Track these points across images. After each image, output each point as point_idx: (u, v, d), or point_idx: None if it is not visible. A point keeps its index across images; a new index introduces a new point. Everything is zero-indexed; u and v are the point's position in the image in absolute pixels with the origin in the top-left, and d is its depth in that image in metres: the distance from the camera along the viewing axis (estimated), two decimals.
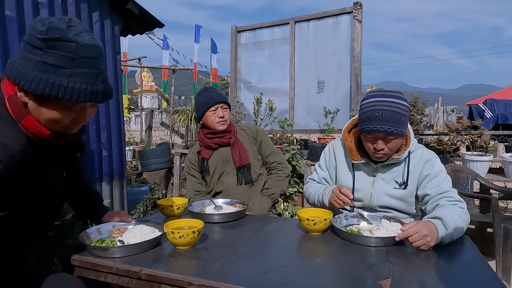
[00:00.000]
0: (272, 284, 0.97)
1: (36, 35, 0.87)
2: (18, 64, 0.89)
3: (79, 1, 2.05)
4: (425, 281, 1.01)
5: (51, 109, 0.94)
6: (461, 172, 3.29)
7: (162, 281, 1.05)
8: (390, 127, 1.39)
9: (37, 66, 0.88)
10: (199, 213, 1.61)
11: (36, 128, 0.95)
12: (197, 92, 2.11)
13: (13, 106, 0.93)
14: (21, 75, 0.88)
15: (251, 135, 2.12)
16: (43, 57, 0.87)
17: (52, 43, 0.87)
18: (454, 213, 1.33)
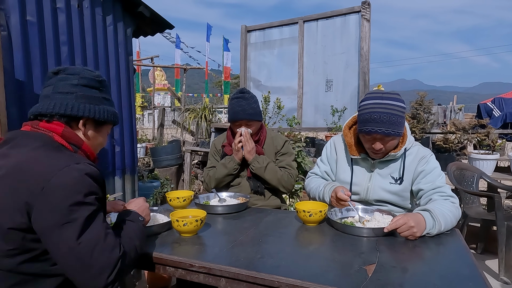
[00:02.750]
0: (266, 267, 1.06)
1: (93, 79, 1.13)
2: (81, 103, 1.09)
3: (94, 5, 2.17)
4: (407, 267, 1.09)
5: (103, 134, 1.20)
6: (467, 170, 3.31)
7: (167, 263, 1.16)
8: (388, 129, 1.46)
9: (100, 101, 1.14)
10: (204, 205, 1.71)
11: (90, 151, 1.15)
12: (232, 95, 2.08)
13: (69, 138, 1.08)
14: (90, 109, 1.10)
15: (277, 147, 2.10)
16: (101, 94, 1.15)
17: (103, 83, 1.17)
18: (444, 207, 1.40)
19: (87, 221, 0.94)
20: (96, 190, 1.00)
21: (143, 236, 1.16)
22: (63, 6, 2.00)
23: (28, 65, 1.82)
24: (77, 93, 1.08)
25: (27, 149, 0.99)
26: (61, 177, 0.93)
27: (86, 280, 0.94)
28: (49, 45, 1.94)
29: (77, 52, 2.10)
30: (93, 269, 0.93)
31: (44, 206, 0.91)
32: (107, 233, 0.99)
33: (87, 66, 2.17)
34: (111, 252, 0.96)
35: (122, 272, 0.99)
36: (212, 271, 1.08)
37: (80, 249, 0.92)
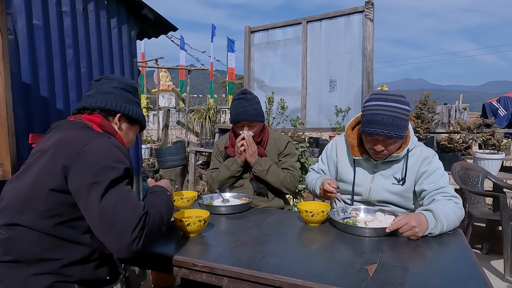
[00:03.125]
0: (268, 267, 1.08)
1: (129, 85, 1.35)
2: (119, 101, 1.29)
3: (98, 8, 2.20)
4: (408, 267, 1.09)
5: (133, 132, 1.39)
6: (472, 170, 3.29)
7: (170, 262, 1.17)
8: (390, 131, 1.46)
9: (133, 103, 1.35)
10: (207, 205, 1.73)
11: (123, 142, 1.31)
12: (233, 96, 2.09)
13: (105, 127, 1.24)
14: (126, 107, 1.30)
15: (279, 148, 2.10)
16: (134, 98, 1.37)
17: (136, 90, 1.40)
18: (447, 207, 1.40)
19: (112, 183, 1.04)
20: (124, 160, 1.12)
21: (169, 204, 1.26)
22: (69, 9, 2.02)
23: (34, 68, 1.85)
24: (116, 93, 1.29)
25: (67, 130, 1.16)
26: (94, 144, 1.08)
27: (112, 238, 1.01)
28: (54, 48, 1.97)
29: (82, 55, 2.12)
30: (117, 225, 1.00)
31: (78, 168, 1.04)
32: (130, 194, 1.08)
33: (93, 68, 2.21)
34: (133, 209, 1.03)
35: (147, 232, 1.04)
36: (214, 271, 1.10)
37: (103, 207, 1.01)
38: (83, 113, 1.25)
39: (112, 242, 1.02)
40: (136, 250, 1.02)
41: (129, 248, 1.01)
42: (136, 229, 1.01)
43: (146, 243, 1.05)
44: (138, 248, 1.02)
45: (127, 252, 1.01)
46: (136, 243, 1.01)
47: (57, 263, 1.04)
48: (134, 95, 1.37)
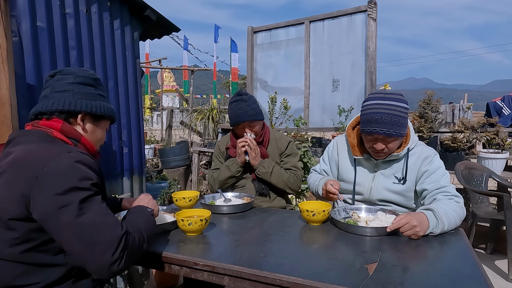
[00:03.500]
0: (268, 266, 1.09)
1: (88, 77, 1.21)
2: (78, 99, 1.16)
3: (101, 10, 2.22)
4: (409, 266, 1.10)
5: (101, 129, 1.27)
6: (475, 169, 3.28)
7: (172, 261, 1.19)
8: (389, 129, 1.46)
9: (96, 97, 1.21)
10: (209, 205, 1.74)
11: (90, 144, 1.21)
12: (230, 99, 2.09)
13: (68, 132, 1.13)
14: (87, 104, 1.17)
15: (281, 148, 2.11)
16: (96, 91, 1.23)
17: (98, 81, 1.25)
18: (448, 206, 1.40)
19: (83, 204, 0.96)
20: (90, 176, 1.02)
21: (150, 223, 1.19)
22: (72, 11, 2.05)
23: (38, 69, 1.87)
24: (73, 91, 1.15)
25: (24, 145, 1.05)
26: (53, 165, 0.97)
27: (92, 260, 0.95)
28: (58, 50, 1.99)
29: (86, 56, 2.14)
30: (97, 247, 0.94)
31: (39, 194, 0.95)
32: (107, 213, 1.02)
33: (96, 69, 2.22)
34: (113, 230, 0.98)
35: (129, 252, 1.00)
36: (215, 269, 1.11)
37: (81, 230, 0.94)
38: (41, 119, 1.13)
39: (92, 264, 0.96)
40: (117, 270, 0.97)
41: (110, 270, 0.95)
42: (118, 250, 0.96)
43: (127, 263, 1.00)
44: (119, 268, 0.97)
45: (107, 273, 0.96)
46: (117, 264, 0.96)
47: (34, 287, 0.99)
48: (95, 88, 1.22)
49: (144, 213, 1.21)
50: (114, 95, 2.33)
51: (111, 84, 2.31)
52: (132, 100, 2.47)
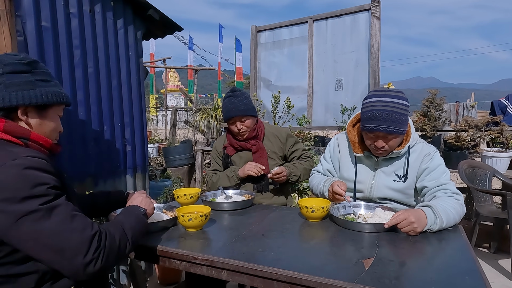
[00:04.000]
0: (266, 260, 1.10)
1: (19, 62, 1.04)
2: (12, 92, 1.01)
3: (105, 10, 2.25)
4: (405, 261, 1.10)
5: (52, 118, 1.12)
6: (479, 168, 3.26)
7: (172, 256, 1.21)
8: (390, 126, 1.46)
9: (34, 84, 1.05)
10: (210, 201, 1.76)
11: (43, 139, 1.08)
12: (225, 95, 2.13)
13: (14, 132, 1.01)
14: (24, 96, 1.02)
15: (280, 140, 2.14)
16: (34, 76, 1.06)
17: (34, 64, 1.08)
18: (447, 203, 1.40)
19: (42, 211, 0.91)
20: (44, 181, 0.94)
21: (138, 222, 1.15)
22: (76, 11, 2.07)
23: None
24: (5, 82, 1.01)
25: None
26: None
27: (65, 266, 0.91)
28: (62, 49, 2.02)
29: (89, 56, 2.17)
30: (66, 252, 0.91)
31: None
32: (74, 215, 0.96)
33: (99, 68, 2.24)
34: (81, 232, 0.93)
35: (105, 252, 0.96)
36: (214, 264, 1.12)
37: (45, 238, 0.90)
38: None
39: (65, 270, 0.92)
40: (94, 272, 0.93)
41: (85, 272, 0.92)
42: (90, 252, 0.92)
43: (105, 263, 0.96)
44: (96, 269, 0.93)
45: (84, 275, 0.92)
46: (93, 265, 0.92)
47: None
48: (32, 73, 1.06)
49: (133, 213, 1.18)
50: (118, 94, 2.36)
51: (114, 83, 2.33)
52: (135, 98, 2.50)
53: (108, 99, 2.29)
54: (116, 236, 1.03)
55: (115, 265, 1.03)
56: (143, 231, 1.19)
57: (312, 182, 1.87)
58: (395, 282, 0.95)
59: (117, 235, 1.04)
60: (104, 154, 2.27)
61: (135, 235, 1.11)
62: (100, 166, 2.25)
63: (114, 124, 2.35)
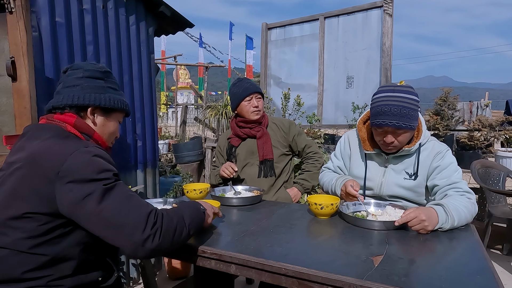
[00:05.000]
0: (274, 255, 1.10)
1: (97, 70, 1.22)
2: (86, 93, 1.17)
3: (118, 6, 2.28)
4: (415, 259, 1.09)
5: (113, 123, 1.27)
6: (492, 168, 3.20)
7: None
8: (399, 121, 1.44)
9: (105, 90, 1.22)
10: (219, 197, 1.77)
11: (102, 140, 1.23)
12: (232, 83, 2.18)
13: (81, 128, 1.16)
14: (96, 98, 1.18)
15: (283, 130, 2.16)
16: (106, 83, 1.23)
17: (108, 74, 1.26)
18: (459, 202, 1.38)
19: (106, 191, 1.00)
20: (109, 168, 1.05)
21: (196, 214, 1.20)
22: (89, 7, 2.10)
23: (57, 63, 1.93)
24: (82, 85, 1.17)
25: (39, 141, 1.06)
26: (72, 160, 1.00)
27: (125, 242, 0.98)
28: (76, 45, 2.05)
29: (102, 51, 2.20)
30: (126, 228, 0.98)
31: (63, 189, 0.98)
32: (131, 195, 1.05)
33: (112, 64, 2.28)
34: (139, 209, 1.02)
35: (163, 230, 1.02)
36: (222, 258, 1.13)
37: (107, 215, 0.98)
38: (55, 113, 1.16)
39: (126, 245, 0.99)
40: (153, 248, 0.99)
41: (144, 247, 0.98)
42: (147, 228, 0.99)
43: (162, 240, 1.02)
44: (154, 246, 0.99)
45: (143, 251, 0.98)
46: (150, 241, 0.99)
47: (46, 279, 1.00)
48: (105, 81, 1.23)
49: (194, 206, 1.23)
50: (129, 89, 2.39)
51: (126, 79, 2.36)
52: (146, 94, 2.52)
53: None
54: (174, 219, 1.08)
55: (171, 247, 1.08)
56: (200, 225, 1.23)
57: (323, 180, 1.85)
58: (404, 279, 0.94)
59: (175, 218, 1.09)
60: (115, 149, 2.29)
61: (193, 224, 1.16)
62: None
63: (125, 119, 2.38)
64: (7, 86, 1.62)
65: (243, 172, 2.15)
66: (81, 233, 1.05)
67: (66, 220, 1.01)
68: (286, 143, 2.17)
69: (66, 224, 1.02)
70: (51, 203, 0.99)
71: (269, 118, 2.22)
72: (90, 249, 1.09)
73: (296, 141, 2.17)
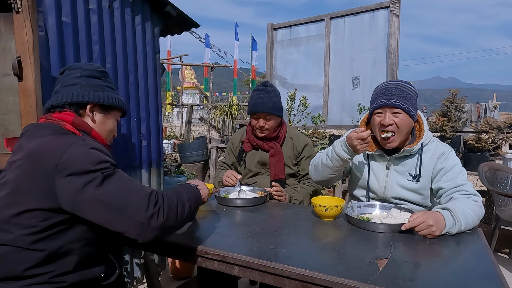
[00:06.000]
0: (278, 257, 1.09)
1: (94, 70, 1.26)
2: (85, 91, 1.21)
3: (123, 6, 2.28)
4: (420, 263, 1.08)
5: (112, 120, 1.31)
6: (500, 171, 3.16)
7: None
8: (397, 100, 1.50)
9: (103, 88, 1.26)
10: (223, 198, 1.76)
11: (100, 138, 1.25)
12: (255, 87, 2.07)
13: (79, 126, 1.18)
14: (95, 95, 1.22)
15: (297, 149, 2.07)
16: (104, 82, 1.27)
17: (105, 74, 1.30)
18: (465, 206, 1.36)
19: (105, 177, 1.02)
20: (106, 159, 1.07)
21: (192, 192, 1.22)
22: (95, 7, 2.11)
23: (63, 63, 1.94)
24: (81, 83, 1.21)
25: (38, 138, 1.08)
26: (70, 153, 1.02)
27: (129, 223, 1.00)
28: (82, 45, 2.06)
29: (108, 51, 2.21)
30: (129, 209, 0.99)
31: (63, 182, 0.99)
32: (130, 179, 1.08)
33: (117, 64, 2.28)
34: (139, 190, 1.04)
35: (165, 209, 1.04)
36: (225, 259, 1.12)
37: (108, 199, 0.99)
38: (53, 112, 1.19)
39: (132, 227, 1.00)
40: (159, 226, 1.01)
41: (150, 226, 1.00)
42: (150, 206, 1.01)
43: (168, 218, 1.04)
44: (160, 223, 1.01)
45: (150, 231, 1.00)
46: (155, 219, 1.01)
47: (47, 275, 1.01)
48: (103, 80, 1.28)
49: (187, 186, 1.25)
50: (134, 89, 2.39)
51: (131, 78, 2.37)
52: (151, 94, 2.52)
53: (125, 94, 2.33)
54: (173, 196, 1.11)
55: (177, 224, 1.11)
56: (198, 200, 1.25)
57: (316, 159, 1.75)
58: (409, 284, 0.93)
59: (174, 196, 1.12)
60: (120, 148, 2.30)
61: (192, 199, 1.19)
62: (116, 160, 2.26)
63: (130, 119, 2.38)
64: (13, 85, 1.63)
65: (254, 179, 2.10)
66: (82, 228, 1.06)
67: (67, 215, 1.02)
68: (296, 161, 2.10)
69: (67, 220, 1.03)
70: (52, 198, 1.00)
71: (288, 131, 2.11)
72: (92, 244, 1.10)
73: (302, 162, 2.09)
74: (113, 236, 1.12)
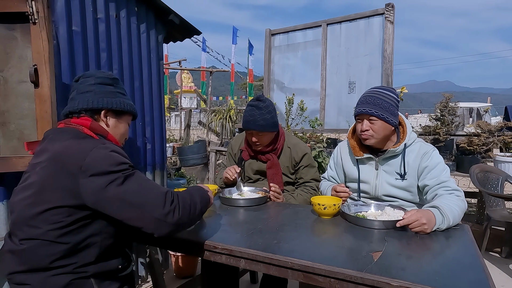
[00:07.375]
0: (281, 251, 1.19)
1: (107, 77, 1.34)
2: (99, 97, 1.29)
3: (129, 15, 2.38)
4: (412, 255, 1.18)
5: (124, 125, 1.40)
6: (491, 173, 3.28)
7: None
8: (371, 109, 1.64)
9: (115, 94, 1.34)
10: (227, 198, 1.85)
11: (115, 140, 1.34)
12: (248, 102, 2.07)
13: (96, 130, 1.27)
14: (108, 101, 1.31)
15: (295, 159, 2.09)
16: (116, 89, 1.36)
17: (117, 81, 1.38)
18: (451, 202, 1.48)
19: (126, 177, 1.11)
20: (125, 161, 1.16)
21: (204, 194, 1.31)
22: (103, 16, 2.21)
23: (73, 70, 2.03)
24: (95, 90, 1.30)
25: (60, 142, 1.17)
26: (92, 155, 1.11)
27: (147, 219, 1.08)
28: (90, 52, 2.15)
29: (114, 58, 2.30)
30: (146, 206, 1.08)
31: (87, 182, 1.08)
32: (147, 179, 1.17)
33: (123, 70, 2.38)
34: (156, 189, 1.13)
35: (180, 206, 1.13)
36: (233, 253, 1.22)
37: (127, 196, 1.08)
38: (71, 117, 1.28)
39: (149, 222, 1.09)
40: (174, 222, 1.10)
41: (167, 222, 1.08)
42: (166, 204, 1.10)
43: (183, 216, 1.13)
44: (175, 220, 1.10)
45: (166, 226, 1.09)
46: (171, 216, 1.09)
47: (71, 266, 1.11)
48: (115, 86, 1.36)
49: (198, 188, 1.35)
50: (140, 94, 2.48)
51: (137, 84, 2.46)
52: (155, 99, 2.62)
53: (131, 99, 2.42)
54: (187, 197, 1.20)
55: (189, 222, 1.20)
56: (208, 202, 1.33)
57: (321, 188, 2.04)
58: (401, 273, 1.02)
59: (187, 197, 1.21)
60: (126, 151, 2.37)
61: (203, 201, 1.28)
62: None
63: (135, 123, 2.47)
64: (29, 91, 1.71)
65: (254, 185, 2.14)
66: (102, 223, 1.16)
67: (89, 211, 1.12)
68: (293, 170, 2.14)
69: (89, 215, 1.12)
70: (76, 196, 1.09)
71: (287, 140, 2.12)
72: (111, 238, 1.20)
73: (301, 171, 2.11)
74: (129, 231, 1.23)
